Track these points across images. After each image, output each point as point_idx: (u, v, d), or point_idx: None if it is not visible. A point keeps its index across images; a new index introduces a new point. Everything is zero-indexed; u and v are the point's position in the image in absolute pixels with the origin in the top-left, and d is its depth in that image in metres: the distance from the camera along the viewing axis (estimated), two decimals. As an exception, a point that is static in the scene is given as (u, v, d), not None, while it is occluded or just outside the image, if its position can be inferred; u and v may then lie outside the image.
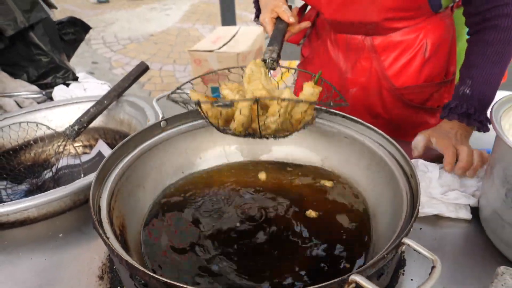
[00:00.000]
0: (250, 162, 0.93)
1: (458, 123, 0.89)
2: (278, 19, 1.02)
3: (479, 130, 0.90)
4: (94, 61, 4.44)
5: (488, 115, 0.80)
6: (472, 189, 0.77)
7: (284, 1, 1.09)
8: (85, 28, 1.68)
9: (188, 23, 5.63)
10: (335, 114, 0.85)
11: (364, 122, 0.81)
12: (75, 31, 1.62)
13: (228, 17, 4.17)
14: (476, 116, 0.87)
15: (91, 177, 0.82)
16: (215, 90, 2.79)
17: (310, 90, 0.70)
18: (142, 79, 3.86)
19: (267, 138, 0.71)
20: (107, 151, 1.17)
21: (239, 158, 0.93)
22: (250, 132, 0.72)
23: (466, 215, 0.74)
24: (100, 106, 1.12)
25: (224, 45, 2.75)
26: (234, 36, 2.91)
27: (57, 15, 1.63)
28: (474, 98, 0.88)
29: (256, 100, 0.65)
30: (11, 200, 1.01)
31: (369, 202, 0.77)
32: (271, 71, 0.83)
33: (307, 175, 0.87)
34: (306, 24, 1.09)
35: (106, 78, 4.03)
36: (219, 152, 0.93)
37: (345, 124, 0.85)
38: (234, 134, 0.72)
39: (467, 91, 0.89)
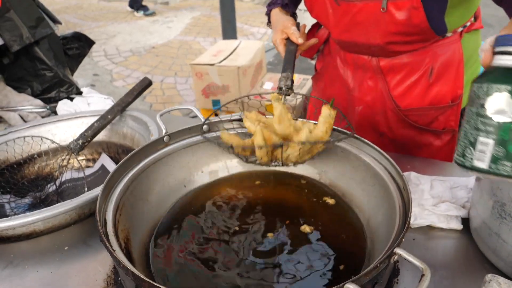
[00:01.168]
0: (250, 173, 0.96)
1: None
2: (288, 39, 1.09)
3: None
4: (95, 73, 4.50)
5: None
6: (463, 200, 0.80)
7: (293, 21, 1.15)
8: (89, 43, 1.73)
9: (190, 35, 5.71)
10: (333, 129, 0.89)
11: (359, 137, 0.84)
12: (79, 45, 1.67)
13: (229, 30, 4.24)
14: None
15: (96, 191, 0.85)
16: (216, 103, 2.84)
17: (327, 112, 0.81)
18: (144, 92, 3.90)
19: (288, 165, 0.82)
20: (110, 165, 1.20)
21: (240, 170, 0.96)
22: (272, 159, 0.82)
23: (457, 225, 0.77)
24: (104, 120, 1.16)
25: (225, 58, 2.81)
26: (235, 49, 2.97)
27: (61, 26, 1.67)
28: None
29: (281, 145, 0.78)
30: (15, 214, 1.04)
31: (365, 214, 0.80)
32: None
33: (305, 187, 0.90)
34: (314, 41, 1.15)
35: (107, 90, 4.08)
36: (221, 165, 0.96)
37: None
38: (259, 164, 0.83)
39: None
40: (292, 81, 0.97)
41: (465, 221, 0.78)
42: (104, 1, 7.80)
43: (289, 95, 0.95)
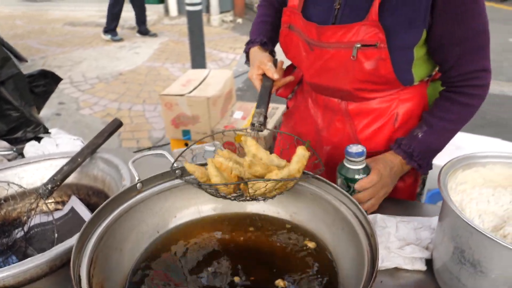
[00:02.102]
0: (223, 217, 0.98)
1: (401, 160, 1.03)
2: (264, 75, 1.14)
3: (417, 171, 1.06)
4: (60, 102, 4.39)
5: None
6: (426, 242, 0.85)
7: (270, 57, 1.19)
8: (56, 79, 1.71)
9: (158, 62, 5.71)
10: (303, 173, 0.92)
11: (327, 181, 0.88)
12: (45, 83, 1.65)
13: (198, 57, 4.28)
14: (417, 158, 1.02)
15: (68, 243, 0.84)
16: (186, 133, 2.84)
17: (302, 152, 0.85)
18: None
19: (257, 200, 0.85)
20: (80, 208, 1.18)
21: (213, 216, 0.98)
22: (239, 194, 0.85)
23: (421, 266, 0.81)
24: (74, 163, 1.14)
25: (194, 88, 2.83)
26: (204, 79, 3.00)
27: (24, 52, 1.64)
28: (422, 143, 1.02)
29: (246, 182, 0.80)
30: None
31: (335, 257, 0.83)
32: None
33: (276, 230, 0.93)
34: (290, 78, 1.21)
35: (73, 119, 3.99)
36: (193, 210, 0.97)
37: (309, 181, 0.92)
38: (225, 197, 0.85)
39: (420, 135, 1.02)
40: (266, 117, 1.02)
41: (428, 261, 0.83)
42: (69, 26, 7.71)
43: (261, 131, 1.00)
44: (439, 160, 2.12)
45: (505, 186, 0.80)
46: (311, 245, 0.87)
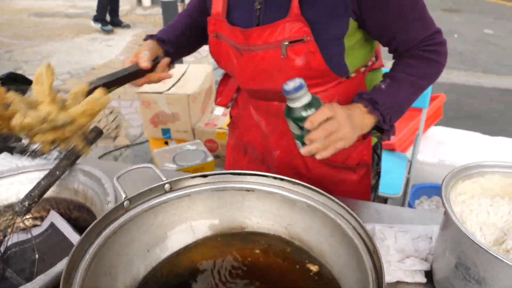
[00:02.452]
0: (216, 234, 0.94)
1: (361, 109, 0.94)
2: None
3: (379, 126, 0.96)
4: (31, 99, 4.21)
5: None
6: (425, 253, 0.84)
7: (153, 48, 1.12)
8: (27, 82, 1.61)
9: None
10: (298, 184, 0.89)
11: (325, 193, 0.85)
12: (16, 87, 1.55)
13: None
14: (381, 107, 0.93)
15: (54, 271, 0.78)
16: (166, 132, 2.76)
17: (97, 96, 0.71)
18: (86, 117, 3.70)
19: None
20: (60, 222, 1.11)
21: (206, 233, 0.94)
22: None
23: (421, 279, 0.80)
24: (52, 177, 1.08)
25: (173, 85, 2.74)
26: (183, 75, 2.91)
27: None
28: (386, 94, 0.96)
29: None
30: None
31: (335, 273, 0.81)
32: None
33: (271, 246, 0.90)
34: (166, 75, 1.15)
35: (45, 118, 3.83)
36: (185, 227, 0.93)
37: (305, 193, 0.89)
38: None
39: (383, 86, 0.97)
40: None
41: (427, 273, 0.82)
42: (35, 17, 7.37)
43: None
44: (423, 156, 2.15)
45: (502, 195, 0.79)
46: (314, 268, 0.84)
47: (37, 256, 0.99)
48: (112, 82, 0.98)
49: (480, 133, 2.29)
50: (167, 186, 0.91)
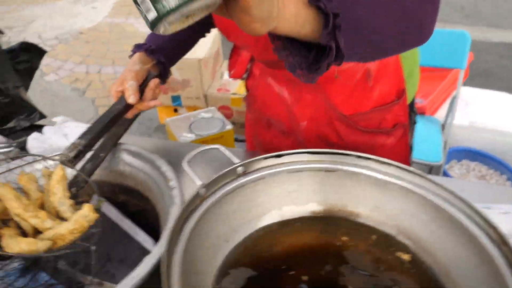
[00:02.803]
0: (302, 218, 0.86)
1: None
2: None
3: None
4: (19, 67, 3.95)
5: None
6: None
7: (139, 73, 0.97)
8: (40, 52, 1.45)
9: (120, 17, 5.23)
10: (389, 164, 0.81)
11: (424, 174, 0.77)
12: (29, 58, 1.39)
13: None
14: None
15: (138, 274, 0.69)
16: (176, 99, 2.62)
17: (85, 213, 0.69)
18: (82, 86, 3.51)
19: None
20: (106, 207, 1.02)
21: (285, 217, 0.85)
22: None
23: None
24: (96, 159, 0.97)
25: (181, 50, 2.57)
26: (188, 38, 2.73)
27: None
28: None
29: None
30: (8, 285, 0.84)
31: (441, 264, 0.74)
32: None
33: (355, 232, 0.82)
34: (155, 103, 0.99)
35: (40, 88, 3.61)
36: (260, 212, 0.84)
37: (398, 174, 0.81)
38: None
39: None
40: (82, 152, 0.83)
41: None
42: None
43: (71, 167, 0.81)
44: (457, 120, 2.09)
45: None
46: (406, 257, 0.76)
47: (93, 247, 0.90)
48: (96, 137, 0.86)
49: (506, 93, 2.23)
50: (239, 169, 0.82)
